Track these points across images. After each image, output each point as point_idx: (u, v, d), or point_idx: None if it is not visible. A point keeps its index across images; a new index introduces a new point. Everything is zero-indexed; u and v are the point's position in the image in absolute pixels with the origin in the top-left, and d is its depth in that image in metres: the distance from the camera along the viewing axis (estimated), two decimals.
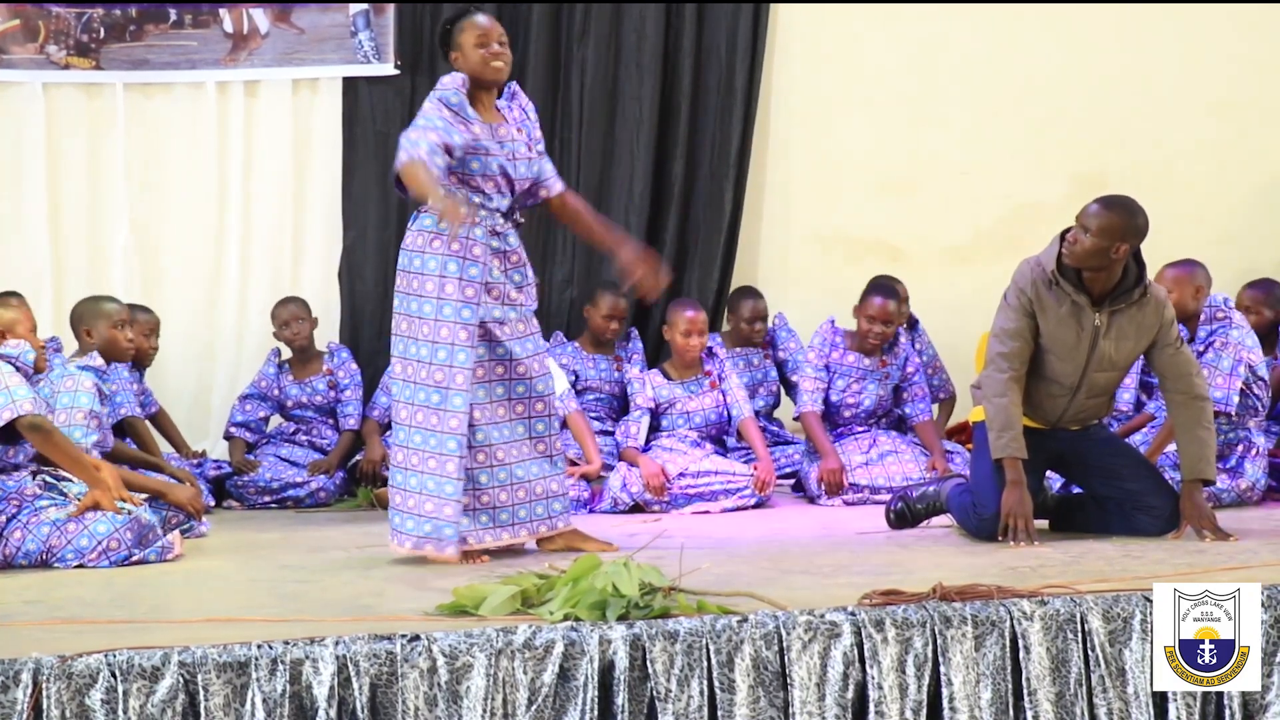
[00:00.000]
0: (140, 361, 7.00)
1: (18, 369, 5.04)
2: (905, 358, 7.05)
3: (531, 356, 5.09)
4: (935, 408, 7.53)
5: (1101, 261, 5.04)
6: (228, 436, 7.40)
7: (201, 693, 3.26)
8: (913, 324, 7.59)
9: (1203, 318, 6.17)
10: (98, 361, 5.78)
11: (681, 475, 6.65)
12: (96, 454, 5.59)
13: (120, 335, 6.02)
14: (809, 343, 7.13)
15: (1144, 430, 6.49)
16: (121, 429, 6.56)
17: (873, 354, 7.00)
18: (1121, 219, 5.01)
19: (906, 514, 5.61)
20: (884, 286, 6.95)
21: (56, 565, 4.93)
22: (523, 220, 5.22)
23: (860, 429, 7.03)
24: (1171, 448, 5.91)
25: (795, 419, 7.21)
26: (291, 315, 7.44)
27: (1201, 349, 6.06)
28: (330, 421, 7.48)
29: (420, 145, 4.77)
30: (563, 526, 5.16)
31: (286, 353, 7.54)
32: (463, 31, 5.08)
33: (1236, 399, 6.03)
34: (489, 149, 5.00)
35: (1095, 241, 5.00)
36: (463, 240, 4.90)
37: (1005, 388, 5.13)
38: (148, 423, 6.97)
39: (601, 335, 7.36)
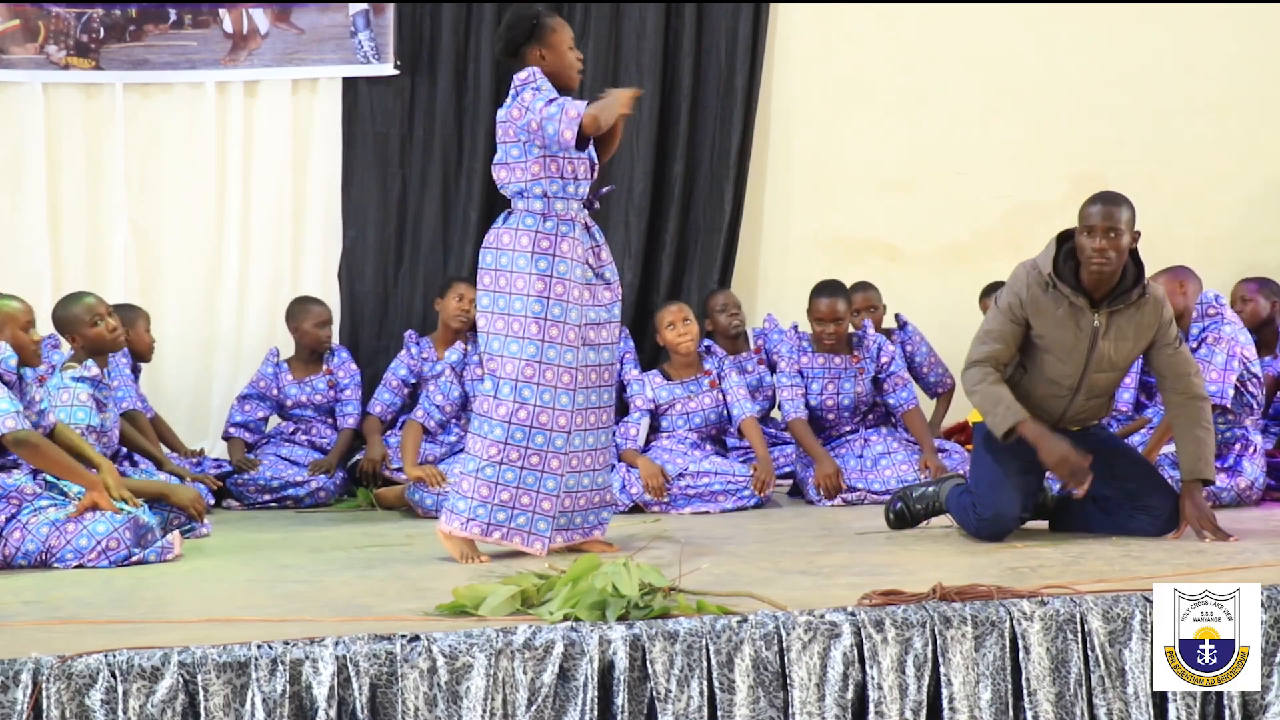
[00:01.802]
0: (141, 356, 6.98)
1: (2, 379, 5.01)
2: (878, 347, 7.02)
3: (616, 363, 5.16)
4: (934, 401, 7.55)
5: (1124, 259, 5.06)
6: (226, 437, 7.40)
7: (201, 693, 3.26)
8: (902, 324, 7.60)
9: (1195, 314, 6.17)
10: (93, 371, 5.70)
11: (681, 476, 6.65)
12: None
13: (103, 329, 5.84)
14: (778, 351, 7.14)
15: (1142, 432, 6.49)
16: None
17: (841, 352, 6.99)
18: (1129, 209, 5.07)
19: (906, 514, 5.61)
20: (827, 286, 6.94)
21: (56, 565, 4.93)
22: (599, 208, 5.25)
23: (848, 429, 7.02)
24: (1170, 448, 5.92)
25: (783, 429, 7.22)
26: (324, 318, 7.42)
27: (1195, 345, 6.06)
28: (329, 421, 7.47)
29: (569, 103, 4.85)
30: (599, 535, 5.21)
31: (286, 352, 7.52)
32: (555, 31, 5.05)
33: (1231, 392, 6.03)
34: None
35: (1120, 241, 5.02)
36: (551, 237, 4.93)
37: (981, 374, 5.16)
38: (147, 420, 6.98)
39: None
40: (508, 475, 4.91)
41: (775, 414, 7.74)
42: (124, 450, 6.36)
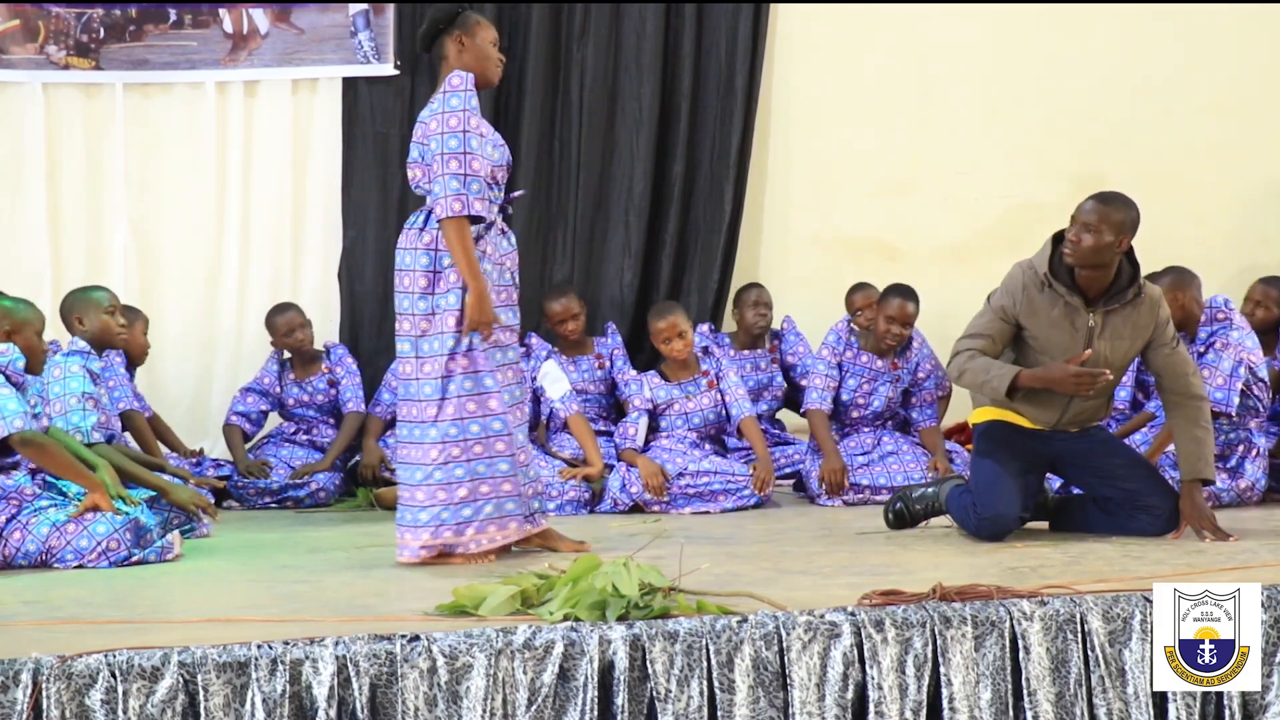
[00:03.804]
0: (135, 360, 6.97)
1: (8, 378, 5.02)
2: (917, 362, 7.07)
3: (521, 361, 5.16)
4: None
5: (1104, 258, 5.04)
6: (227, 424, 7.37)
7: (201, 693, 3.26)
8: None
9: (1203, 319, 6.14)
10: (80, 345, 5.72)
11: (681, 475, 6.65)
12: (99, 435, 5.55)
13: (112, 322, 5.82)
14: (824, 339, 7.13)
15: (1144, 430, 6.49)
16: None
17: (886, 355, 7.01)
18: (1121, 213, 5.03)
19: (905, 514, 5.61)
20: (903, 289, 6.98)
21: (56, 566, 4.93)
22: (511, 212, 5.25)
23: (865, 429, 7.04)
24: (1172, 447, 5.91)
25: (802, 414, 7.20)
26: (293, 323, 7.39)
27: (1202, 350, 6.05)
28: (331, 420, 7.47)
29: (462, 195, 4.80)
30: (544, 524, 5.19)
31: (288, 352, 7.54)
32: (481, 27, 5.02)
33: (1237, 400, 6.02)
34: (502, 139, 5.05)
35: (1097, 238, 5.00)
36: (487, 244, 4.93)
37: (968, 356, 5.17)
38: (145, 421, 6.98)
39: (564, 338, 7.34)
40: (457, 472, 4.90)
41: (781, 414, 7.75)
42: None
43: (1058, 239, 5.16)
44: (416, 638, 3.41)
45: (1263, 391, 6.17)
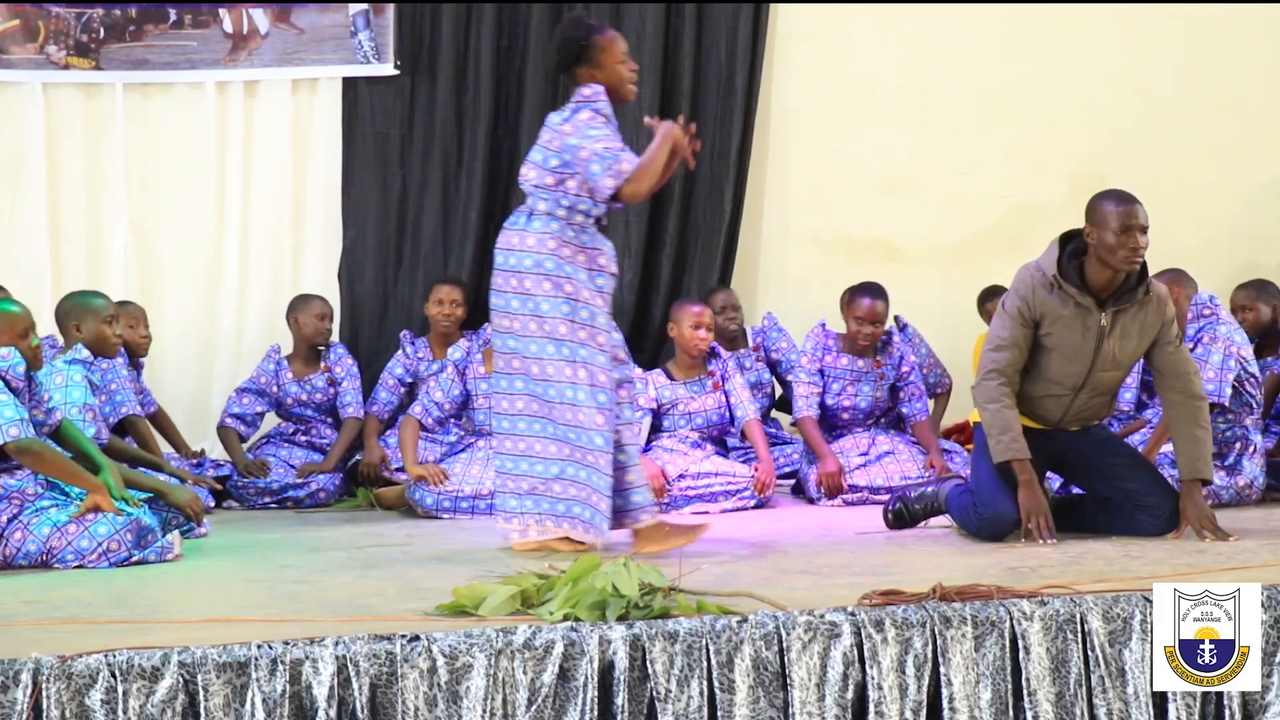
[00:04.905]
0: (134, 354, 6.97)
1: (7, 383, 5.02)
2: (900, 357, 7.04)
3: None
4: (932, 402, 7.55)
5: None
6: (222, 426, 7.37)
7: (201, 693, 3.26)
8: (902, 326, 7.60)
9: (1190, 315, 6.18)
10: (84, 354, 5.73)
11: (682, 476, 6.65)
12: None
13: (109, 331, 5.87)
14: (802, 347, 7.13)
15: (1141, 432, 6.49)
16: (123, 428, 6.53)
17: (865, 355, 6.99)
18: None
19: (904, 514, 5.61)
20: (869, 287, 6.96)
21: (56, 566, 4.93)
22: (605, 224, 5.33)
23: (858, 429, 7.04)
24: (1169, 447, 5.92)
25: (792, 424, 7.22)
26: (325, 311, 7.41)
27: (1191, 345, 6.06)
28: (329, 420, 7.46)
29: (623, 157, 5.00)
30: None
31: (286, 349, 7.51)
32: (604, 51, 5.12)
33: (1229, 390, 6.04)
34: None
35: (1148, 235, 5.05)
36: (588, 250, 5.06)
37: (998, 393, 5.15)
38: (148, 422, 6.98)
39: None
40: (570, 470, 5.05)
41: (774, 413, 7.75)
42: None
43: (1065, 240, 5.16)
44: (416, 638, 3.41)
45: (1255, 387, 6.19)
